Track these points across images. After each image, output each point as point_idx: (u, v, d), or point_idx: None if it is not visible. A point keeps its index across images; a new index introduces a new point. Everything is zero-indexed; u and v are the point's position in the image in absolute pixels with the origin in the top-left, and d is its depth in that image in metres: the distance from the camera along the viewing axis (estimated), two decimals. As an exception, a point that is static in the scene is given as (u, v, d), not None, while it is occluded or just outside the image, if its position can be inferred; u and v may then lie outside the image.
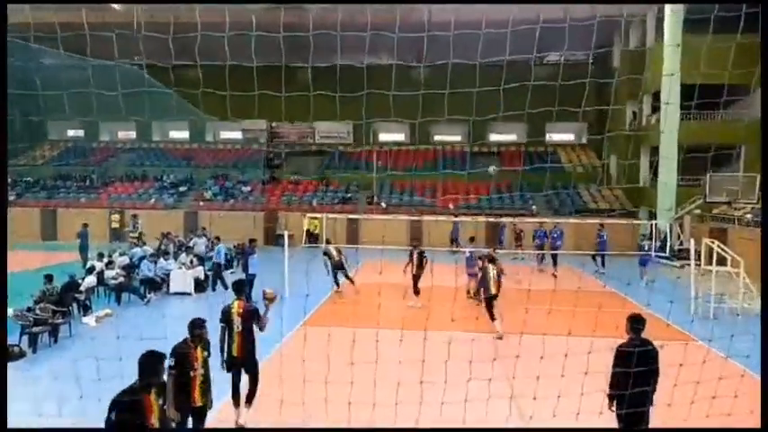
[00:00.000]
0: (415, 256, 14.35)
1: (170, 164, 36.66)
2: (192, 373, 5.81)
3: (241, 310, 6.98)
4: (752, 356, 6.50)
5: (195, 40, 8.51)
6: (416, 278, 14.25)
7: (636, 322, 5.89)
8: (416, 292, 14.18)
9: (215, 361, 6.41)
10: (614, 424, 5.72)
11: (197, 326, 5.97)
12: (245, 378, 7.09)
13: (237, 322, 6.93)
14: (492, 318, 11.57)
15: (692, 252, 14.82)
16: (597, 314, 7.32)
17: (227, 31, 8.78)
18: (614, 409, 5.75)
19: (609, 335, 6.56)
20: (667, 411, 5.93)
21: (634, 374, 5.40)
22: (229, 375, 6.99)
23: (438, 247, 15.73)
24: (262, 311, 7.04)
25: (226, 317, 6.99)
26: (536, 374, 5.98)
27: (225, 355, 6.97)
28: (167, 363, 5.20)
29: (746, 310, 13.20)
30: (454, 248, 17.26)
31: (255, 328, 7.03)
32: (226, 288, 16.93)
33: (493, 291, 11.71)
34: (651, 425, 5.61)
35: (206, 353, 6.05)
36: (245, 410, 7.07)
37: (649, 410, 5.59)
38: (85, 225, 22.09)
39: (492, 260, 12.45)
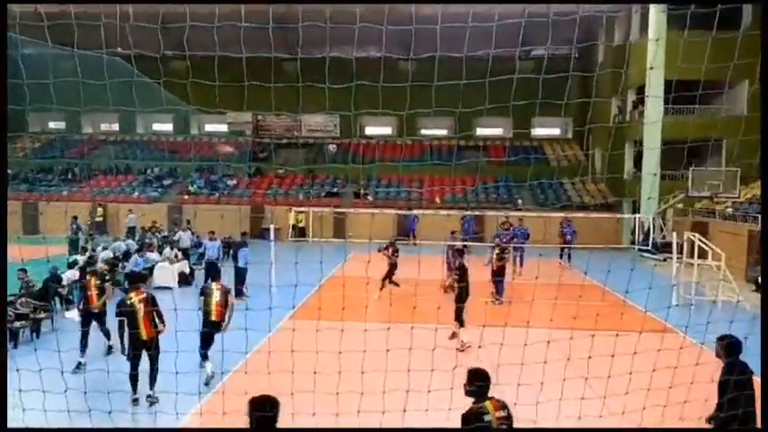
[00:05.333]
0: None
1: (154, 157, 36.21)
2: None
3: (219, 287, 9.50)
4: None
5: (182, 31, 8.46)
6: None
7: (731, 348, 5.14)
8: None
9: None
10: (598, 415, 5.84)
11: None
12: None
13: (216, 295, 9.29)
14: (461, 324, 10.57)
15: (675, 245, 15.12)
16: (577, 305, 7.49)
17: (216, 22, 8.73)
18: None
19: (589, 325, 6.71)
20: (645, 396, 6.06)
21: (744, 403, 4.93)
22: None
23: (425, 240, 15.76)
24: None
25: (206, 291, 9.49)
26: (519, 362, 6.10)
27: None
28: None
29: (726, 303, 13.48)
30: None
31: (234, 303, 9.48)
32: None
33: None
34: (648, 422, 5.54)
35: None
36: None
37: None
38: (75, 217, 22.48)
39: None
